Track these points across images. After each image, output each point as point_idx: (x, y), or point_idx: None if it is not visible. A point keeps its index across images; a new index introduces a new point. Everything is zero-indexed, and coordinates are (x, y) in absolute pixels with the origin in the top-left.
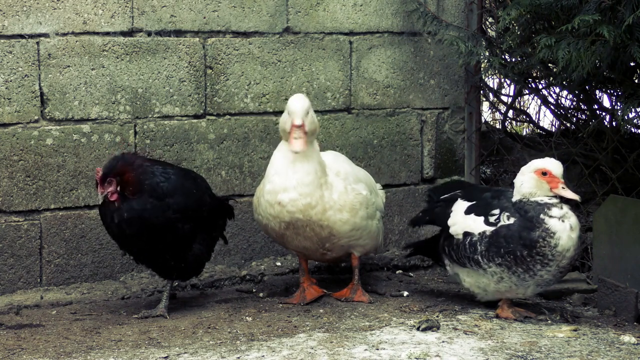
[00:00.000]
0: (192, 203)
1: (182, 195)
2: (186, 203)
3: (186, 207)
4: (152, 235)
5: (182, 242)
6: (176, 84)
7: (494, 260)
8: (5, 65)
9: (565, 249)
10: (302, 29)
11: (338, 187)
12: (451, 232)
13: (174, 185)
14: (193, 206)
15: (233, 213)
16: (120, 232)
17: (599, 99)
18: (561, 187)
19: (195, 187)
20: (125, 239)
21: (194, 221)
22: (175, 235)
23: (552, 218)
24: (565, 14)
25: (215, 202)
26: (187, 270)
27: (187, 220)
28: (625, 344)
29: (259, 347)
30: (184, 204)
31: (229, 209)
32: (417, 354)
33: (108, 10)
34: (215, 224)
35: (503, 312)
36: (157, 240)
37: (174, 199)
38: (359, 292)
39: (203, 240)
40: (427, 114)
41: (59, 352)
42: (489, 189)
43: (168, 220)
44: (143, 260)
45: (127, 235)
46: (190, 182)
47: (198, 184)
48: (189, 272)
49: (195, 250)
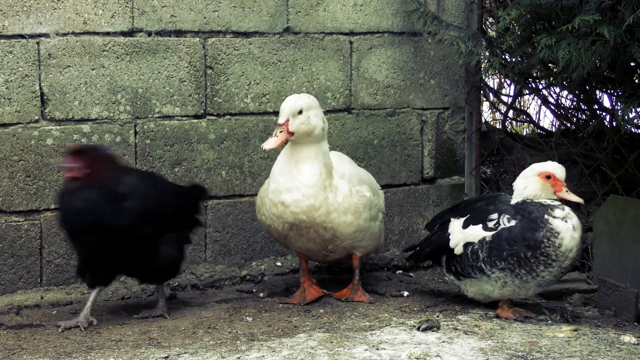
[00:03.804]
0: (153, 207)
1: (141, 199)
2: (146, 207)
3: (146, 212)
4: (108, 237)
5: (144, 246)
6: (176, 84)
7: (497, 265)
8: (6, 65)
9: (568, 249)
10: (303, 29)
11: (343, 189)
12: (456, 252)
13: (133, 189)
14: (155, 210)
15: (205, 192)
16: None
17: (599, 99)
18: (565, 191)
19: (157, 191)
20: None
21: (156, 224)
22: (136, 240)
23: (555, 218)
24: (565, 14)
25: (182, 203)
26: (159, 274)
27: (148, 224)
28: (626, 344)
29: (259, 347)
30: (143, 208)
31: (201, 191)
32: (417, 354)
33: (108, 10)
34: (185, 223)
35: (503, 312)
36: (115, 243)
37: (133, 203)
38: (359, 292)
39: (171, 241)
40: (428, 114)
41: (59, 352)
42: (480, 199)
43: (126, 224)
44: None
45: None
46: (151, 186)
47: (160, 188)
48: (161, 275)
49: (163, 253)
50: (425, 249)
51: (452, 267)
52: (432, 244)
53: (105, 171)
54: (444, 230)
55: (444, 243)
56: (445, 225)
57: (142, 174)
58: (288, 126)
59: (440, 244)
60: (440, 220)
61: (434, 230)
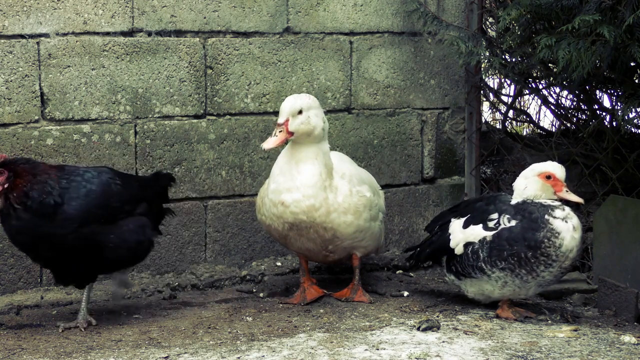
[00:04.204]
0: (93, 206)
1: (77, 207)
2: (84, 209)
3: (83, 219)
4: (54, 247)
5: (94, 243)
6: (176, 84)
7: (497, 265)
8: (6, 65)
9: (568, 249)
10: (303, 29)
11: (343, 189)
12: (456, 252)
13: (67, 198)
14: (94, 216)
15: (174, 179)
16: (12, 239)
17: (599, 99)
18: (565, 191)
19: (98, 196)
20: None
21: (105, 219)
22: (83, 242)
23: (556, 219)
24: (565, 14)
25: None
26: (115, 263)
27: (93, 223)
28: (626, 344)
29: (259, 347)
30: (79, 216)
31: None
32: (417, 354)
33: (108, 10)
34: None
35: (503, 312)
36: (64, 249)
37: (66, 213)
38: (359, 292)
39: (115, 244)
40: (428, 114)
41: (59, 352)
42: (480, 199)
43: (58, 234)
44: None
45: (18, 242)
46: (93, 190)
47: (104, 183)
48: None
49: (108, 255)
50: (426, 250)
51: (452, 267)
52: (433, 244)
53: (30, 184)
54: (445, 231)
55: (445, 243)
56: (446, 226)
57: (81, 173)
58: (287, 126)
59: (440, 244)
60: (440, 221)
61: (433, 231)
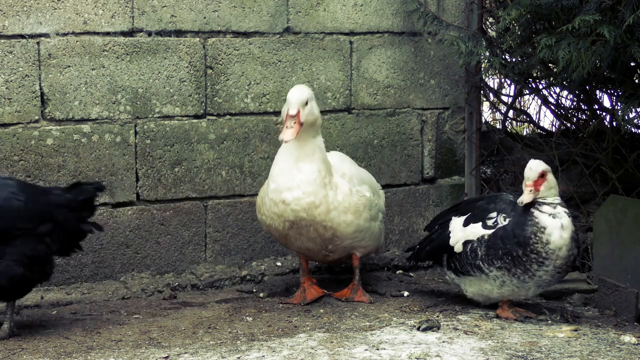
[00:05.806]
0: None
1: None
2: None
3: None
4: None
5: None
6: (176, 84)
7: (494, 263)
8: (6, 65)
9: (557, 246)
10: (303, 29)
11: (343, 188)
12: (455, 250)
13: None
14: None
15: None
16: None
17: (599, 99)
18: (523, 187)
19: None
20: None
21: None
22: None
23: (542, 213)
24: (565, 14)
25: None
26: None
27: None
28: (626, 344)
29: (260, 347)
30: None
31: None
32: (417, 354)
33: (108, 10)
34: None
35: (503, 312)
36: None
37: None
38: (359, 292)
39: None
40: (428, 114)
41: (59, 352)
42: (481, 198)
43: None
44: None
45: None
46: None
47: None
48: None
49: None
50: (426, 247)
51: (452, 264)
52: (433, 242)
53: None
54: (445, 229)
55: (445, 241)
56: (446, 224)
57: None
58: (300, 117)
59: (440, 242)
60: (440, 220)
61: (433, 231)
